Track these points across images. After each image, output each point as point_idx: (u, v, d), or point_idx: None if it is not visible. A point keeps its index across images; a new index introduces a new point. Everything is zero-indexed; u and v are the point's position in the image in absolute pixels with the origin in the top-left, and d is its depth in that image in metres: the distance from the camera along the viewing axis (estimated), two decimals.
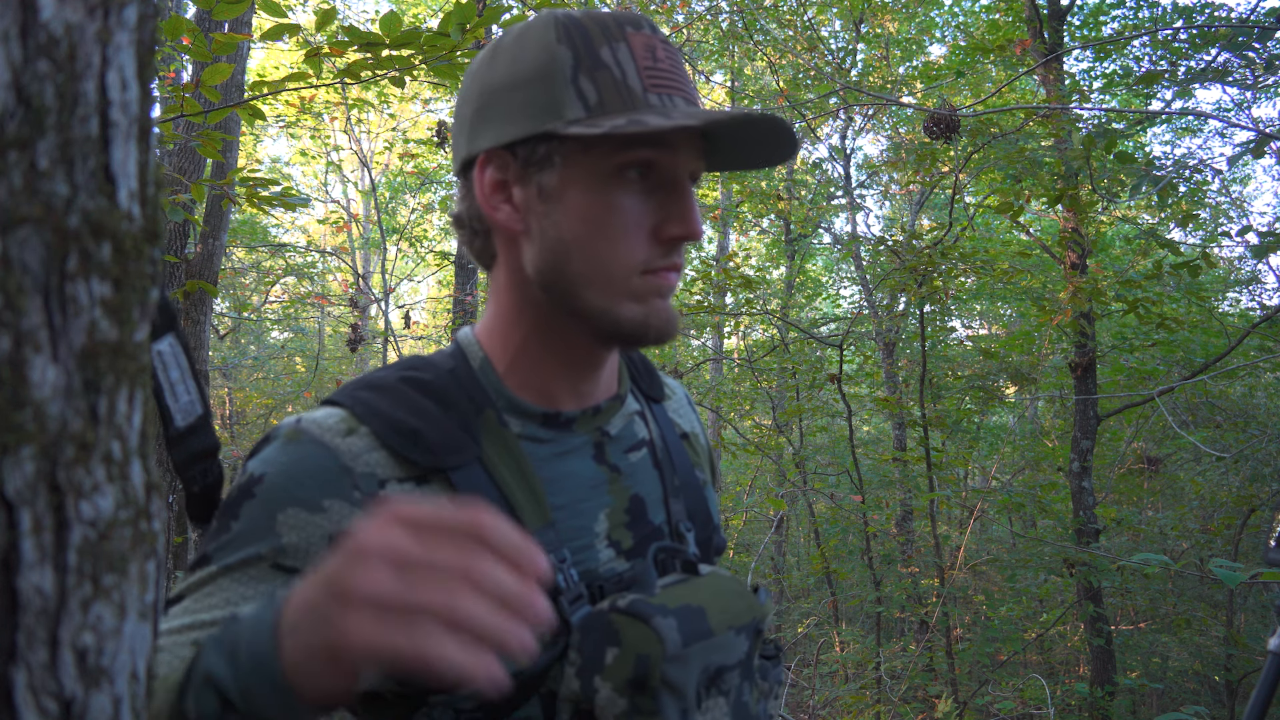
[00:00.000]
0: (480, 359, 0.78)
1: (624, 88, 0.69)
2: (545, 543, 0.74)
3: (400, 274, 14.05)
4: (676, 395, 0.96)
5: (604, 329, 0.73)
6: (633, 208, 0.71)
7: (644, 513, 0.82)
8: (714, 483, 0.96)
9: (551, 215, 0.71)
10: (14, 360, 0.31)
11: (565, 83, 0.69)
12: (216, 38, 1.89)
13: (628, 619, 0.69)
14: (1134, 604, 5.99)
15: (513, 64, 0.72)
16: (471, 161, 0.75)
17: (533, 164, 0.71)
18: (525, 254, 0.74)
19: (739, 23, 6.91)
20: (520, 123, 0.71)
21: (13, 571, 0.31)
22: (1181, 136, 10.25)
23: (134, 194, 0.36)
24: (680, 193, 0.73)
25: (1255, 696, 1.29)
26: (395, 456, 0.72)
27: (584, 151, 0.70)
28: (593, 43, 0.70)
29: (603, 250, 0.71)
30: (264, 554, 0.68)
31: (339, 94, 7.73)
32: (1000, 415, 9.31)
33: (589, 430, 0.80)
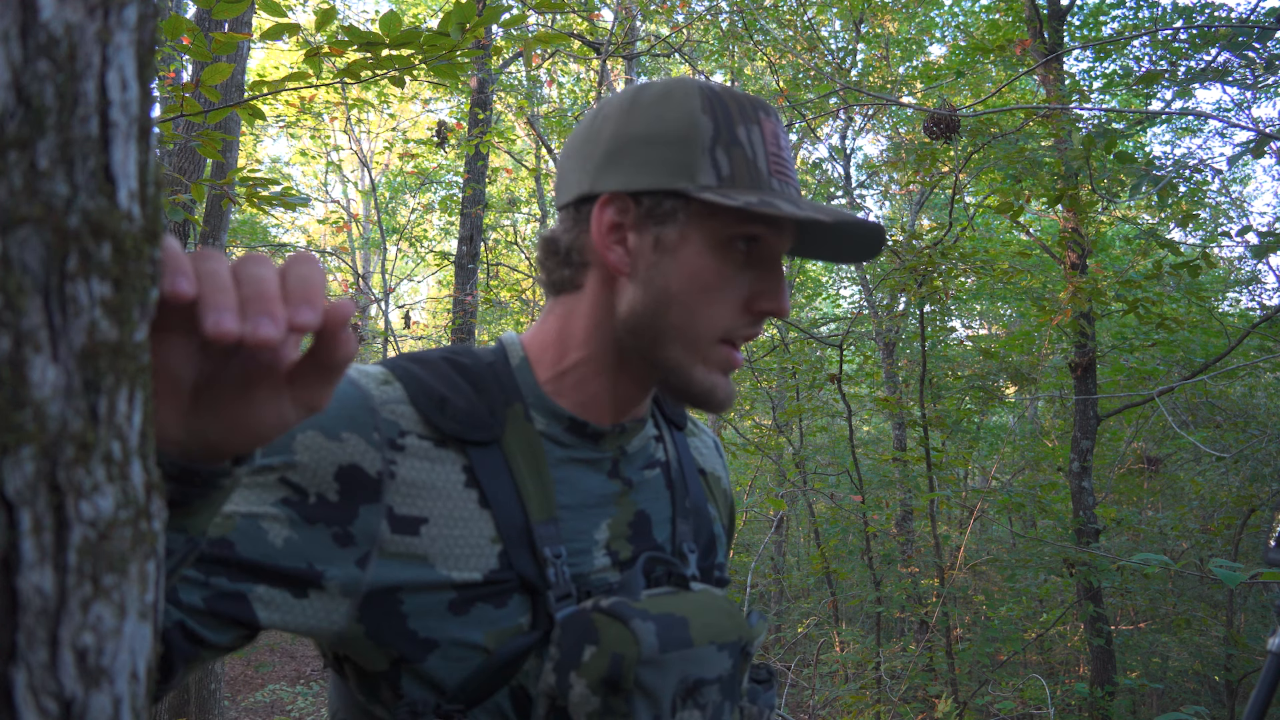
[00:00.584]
0: (520, 358, 0.82)
1: (753, 167, 0.75)
2: (545, 536, 0.75)
3: (400, 274, 14.06)
4: (704, 436, 0.99)
5: (673, 383, 0.78)
6: (733, 277, 0.76)
7: (648, 529, 0.84)
8: (729, 533, 0.98)
9: (662, 266, 0.75)
10: (14, 360, 0.31)
11: (703, 150, 0.74)
12: (216, 37, 1.89)
13: (607, 618, 0.71)
14: (1134, 604, 6.00)
15: (654, 120, 0.76)
16: (589, 198, 0.78)
17: (655, 215, 0.75)
18: (623, 295, 0.77)
19: (739, 23, 6.91)
20: (652, 175, 0.75)
21: (13, 571, 0.31)
22: (1181, 136, 10.26)
23: (134, 194, 0.36)
24: (777, 271, 0.78)
25: (1255, 696, 1.29)
26: (421, 415, 0.75)
27: (707, 216, 0.75)
28: (732, 119, 0.75)
29: (700, 309, 0.75)
30: (275, 466, 0.70)
31: (339, 94, 7.73)
32: (1000, 415, 9.32)
33: (612, 448, 0.83)
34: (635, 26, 8.37)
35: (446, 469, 0.75)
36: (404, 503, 0.73)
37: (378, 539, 0.71)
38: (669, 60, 10.39)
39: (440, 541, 0.73)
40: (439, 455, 0.75)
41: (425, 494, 0.73)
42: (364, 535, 0.71)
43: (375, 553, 0.71)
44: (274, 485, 0.70)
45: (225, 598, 0.68)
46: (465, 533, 0.74)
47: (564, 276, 0.81)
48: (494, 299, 10.46)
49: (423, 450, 0.74)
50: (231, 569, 0.68)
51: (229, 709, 5.88)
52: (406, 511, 0.72)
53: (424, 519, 0.73)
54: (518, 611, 0.74)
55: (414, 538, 0.72)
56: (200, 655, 0.68)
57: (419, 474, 0.73)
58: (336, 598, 0.71)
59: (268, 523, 0.69)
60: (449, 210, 9.43)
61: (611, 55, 7.93)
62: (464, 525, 0.74)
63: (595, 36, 7.99)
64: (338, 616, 0.71)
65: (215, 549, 0.68)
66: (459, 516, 0.74)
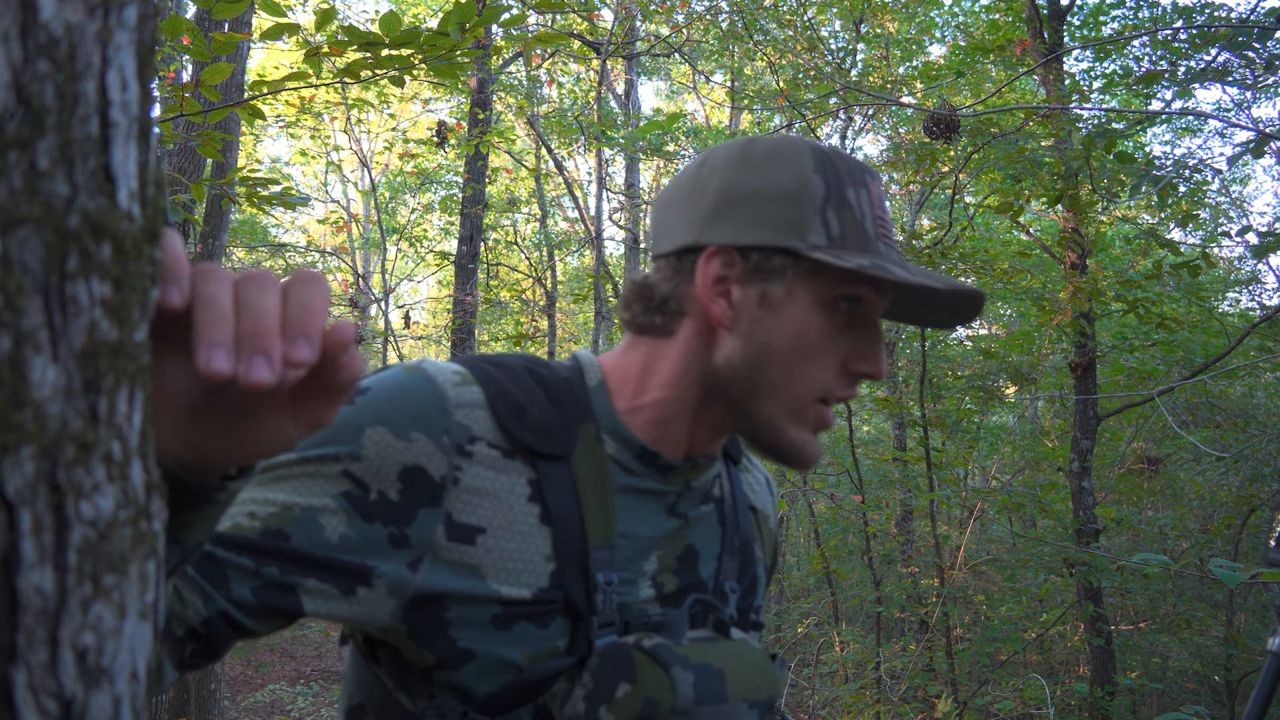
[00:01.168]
0: (598, 381, 0.81)
1: (861, 229, 0.75)
2: (600, 561, 0.75)
3: (400, 274, 14.06)
4: (757, 473, 0.98)
5: (762, 437, 0.77)
6: (835, 338, 0.76)
7: (695, 563, 0.83)
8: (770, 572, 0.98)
9: (766, 322, 0.75)
10: (14, 360, 0.31)
11: (815, 209, 0.74)
12: (216, 37, 1.89)
13: (648, 660, 0.71)
14: (1134, 604, 5.99)
15: (764, 175, 0.76)
16: (694, 249, 0.77)
17: (763, 271, 0.75)
18: (721, 347, 0.77)
19: (739, 23, 6.91)
20: (762, 231, 0.74)
21: (13, 571, 0.31)
22: (1181, 136, 10.26)
23: (134, 194, 0.36)
24: (876, 333, 0.78)
25: (1255, 696, 1.29)
26: (496, 423, 0.74)
27: (814, 275, 0.75)
28: (842, 181, 0.76)
29: (800, 367, 0.75)
30: (340, 456, 0.70)
31: (339, 94, 7.73)
32: (1000, 415, 9.32)
33: (679, 482, 0.82)
34: (635, 26, 8.37)
35: (512, 480, 0.74)
36: (464, 510, 0.72)
37: (433, 544, 0.71)
38: (669, 60, 10.39)
39: (495, 553, 0.73)
40: (506, 465, 0.74)
41: (486, 503, 0.73)
42: (419, 539, 0.71)
43: (428, 557, 0.71)
44: (337, 477, 0.70)
45: (275, 589, 0.68)
46: (521, 547, 0.73)
47: (654, 322, 0.80)
48: (494, 299, 10.46)
49: (490, 459, 0.73)
50: (285, 561, 0.68)
51: (229, 709, 5.89)
52: (465, 519, 0.72)
53: (482, 529, 0.72)
54: (558, 633, 0.74)
55: (469, 547, 0.72)
56: (241, 637, 0.69)
57: (483, 482, 0.73)
58: (384, 596, 0.71)
59: (326, 516, 0.69)
60: (449, 210, 9.43)
61: (611, 55, 7.93)
62: (521, 539, 0.73)
63: (595, 36, 7.99)
64: (383, 614, 0.72)
65: (270, 540, 0.68)
66: (517, 530, 0.73)
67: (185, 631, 0.66)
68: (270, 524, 0.68)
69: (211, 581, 0.66)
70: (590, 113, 7.97)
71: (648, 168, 12.00)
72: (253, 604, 0.68)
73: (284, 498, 0.69)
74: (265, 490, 0.70)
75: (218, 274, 0.44)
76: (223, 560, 0.67)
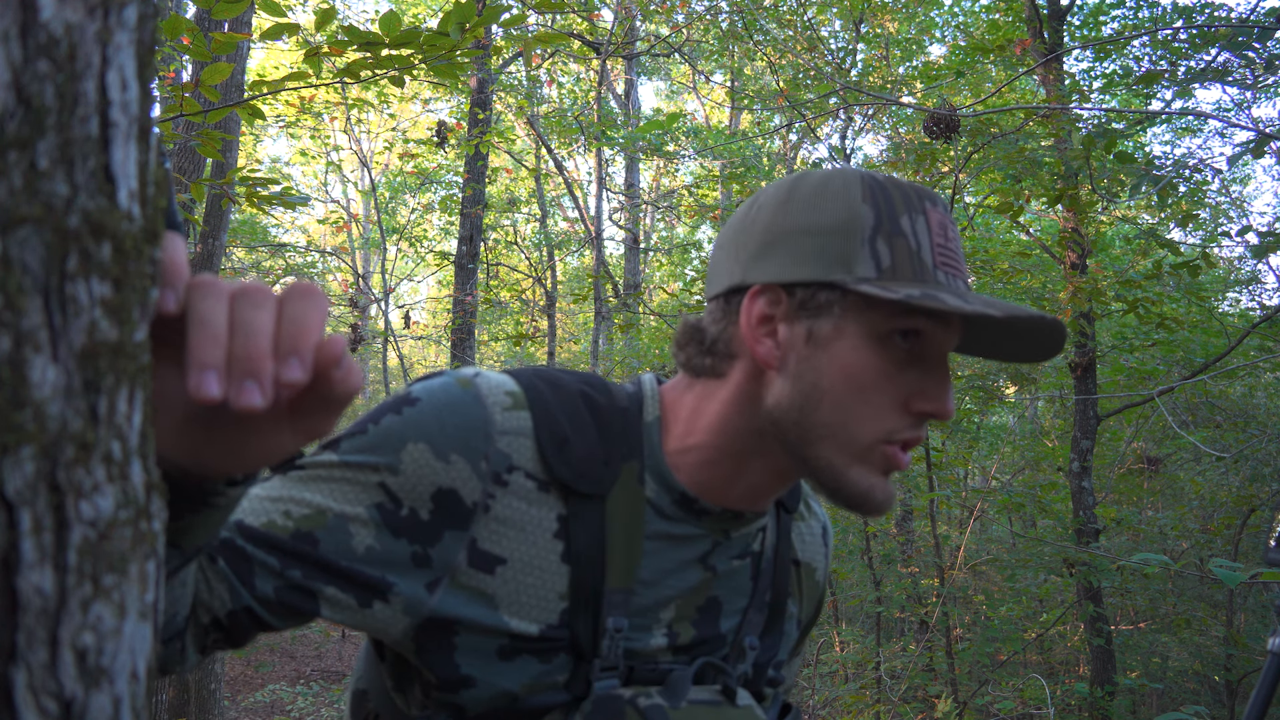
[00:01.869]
0: (655, 416, 0.78)
1: (917, 259, 0.70)
2: (614, 604, 0.74)
3: (400, 274, 14.06)
4: (813, 521, 0.92)
5: (825, 482, 0.72)
6: (894, 375, 0.71)
7: (716, 616, 0.80)
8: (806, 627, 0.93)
9: (814, 360, 0.71)
10: (14, 360, 0.31)
11: (863, 240, 0.70)
12: (216, 37, 1.89)
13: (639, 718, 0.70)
14: (1134, 604, 5.99)
15: (811, 210, 0.72)
16: (740, 289, 0.74)
17: (809, 308, 0.71)
18: (771, 389, 0.73)
19: (739, 23, 6.91)
20: (807, 267, 0.71)
21: (13, 571, 0.31)
22: (1181, 136, 10.26)
23: (134, 194, 0.36)
24: (941, 369, 0.72)
25: (1255, 696, 1.29)
26: (539, 453, 0.73)
27: (865, 309, 0.70)
28: (895, 209, 0.71)
29: (854, 407, 0.70)
30: (379, 467, 0.70)
31: (339, 94, 7.73)
32: (1000, 415, 9.32)
33: (714, 529, 0.78)
34: (635, 26, 8.37)
35: (541, 513, 0.73)
36: (489, 538, 0.72)
37: (453, 567, 0.71)
38: (669, 60, 10.39)
39: (511, 585, 0.72)
40: (539, 498, 0.73)
41: (512, 534, 0.72)
42: (441, 561, 0.71)
43: (447, 580, 0.71)
44: (373, 487, 0.70)
45: (296, 590, 0.69)
46: (537, 582, 0.73)
47: (705, 365, 0.77)
48: (494, 299, 10.46)
49: (525, 490, 0.72)
50: (309, 565, 0.69)
51: (229, 709, 5.89)
52: (489, 548, 0.72)
53: (503, 559, 0.72)
54: (560, 669, 0.74)
55: (488, 575, 0.72)
56: (262, 630, 0.71)
57: (513, 513, 0.72)
58: (398, 613, 0.71)
59: (356, 526, 0.70)
60: (449, 210, 9.43)
61: (611, 55, 7.93)
62: (538, 574, 0.73)
63: (595, 36, 7.98)
64: (395, 630, 0.72)
65: (299, 543, 0.69)
66: (537, 565, 0.73)
67: (210, 620, 0.68)
68: (302, 526, 0.69)
69: (239, 576, 0.68)
70: (590, 113, 7.97)
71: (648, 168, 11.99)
72: (274, 601, 0.69)
73: (319, 500, 0.70)
74: (304, 489, 0.70)
75: (214, 289, 0.43)
76: (251, 557, 0.68)
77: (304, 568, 0.69)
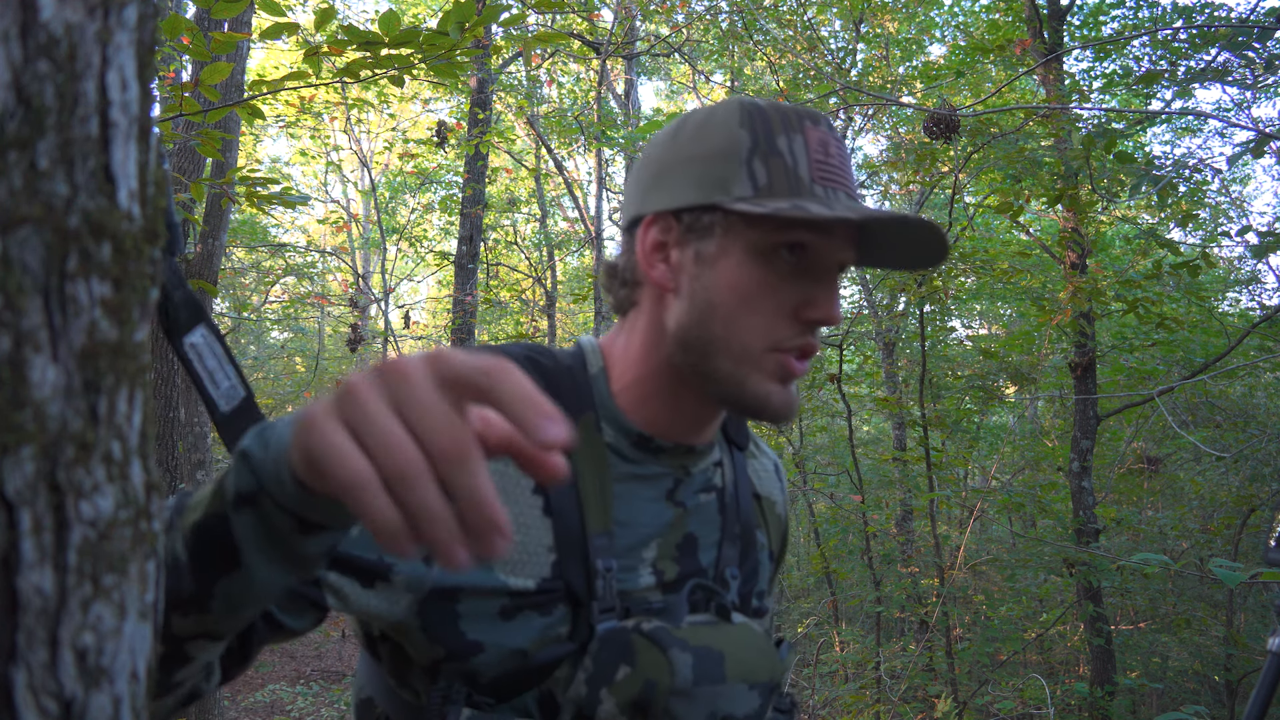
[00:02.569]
0: (599, 368, 0.83)
1: (793, 175, 0.74)
2: (599, 548, 0.76)
3: (400, 274, 14.06)
4: (764, 459, 0.98)
5: (727, 395, 0.77)
6: (779, 286, 0.75)
7: (694, 550, 0.84)
8: (778, 558, 0.98)
9: (703, 279, 0.76)
10: (14, 360, 0.31)
11: (740, 162, 0.74)
12: (215, 37, 1.89)
13: (646, 643, 0.72)
14: (1134, 604, 5.99)
15: (695, 141, 0.77)
16: (638, 220, 0.80)
17: (695, 230, 0.76)
18: (670, 311, 0.78)
19: (739, 23, 6.91)
20: (691, 192, 0.76)
21: (13, 571, 0.31)
22: (1181, 136, 10.25)
23: (134, 194, 0.36)
24: (827, 279, 0.76)
25: (1255, 696, 1.29)
26: None
27: (745, 227, 0.75)
28: (772, 130, 0.75)
29: (743, 320, 0.75)
30: None
31: (339, 94, 7.73)
32: (1000, 415, 9.32)
33: (674, 465, 0.83)
34: (635, 26, 8.37)
35: (516, 472, 0.75)
36: None
37: None
38: (669, 60, 10.39)
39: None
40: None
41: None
42: None
43: None
44: None
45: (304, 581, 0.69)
46: (526, 539, 0.75)
47: (623, 297, 0.83)
48: (494, 299, 10.46)
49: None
50: None
51: (229, 709, 5.88)
52: None
53: None
54: (560, 620, 0.75)
55: None
56: (276, 637, 0.70)
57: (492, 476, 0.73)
58: (401, 591, 0.72)
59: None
60: (449, 210, 9.43)
61: (611, 55, 7.93)
62: (525, 531, 0.75)
63: (595, 36, 7.98)
64: (399, 609, 0.73)
65: None
66: (522, 522, 0.75)
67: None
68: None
69: None
70: (590, 113, 7.97)
71: None
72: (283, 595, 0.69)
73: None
74: None
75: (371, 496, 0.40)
76: None
77: None
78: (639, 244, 0.79)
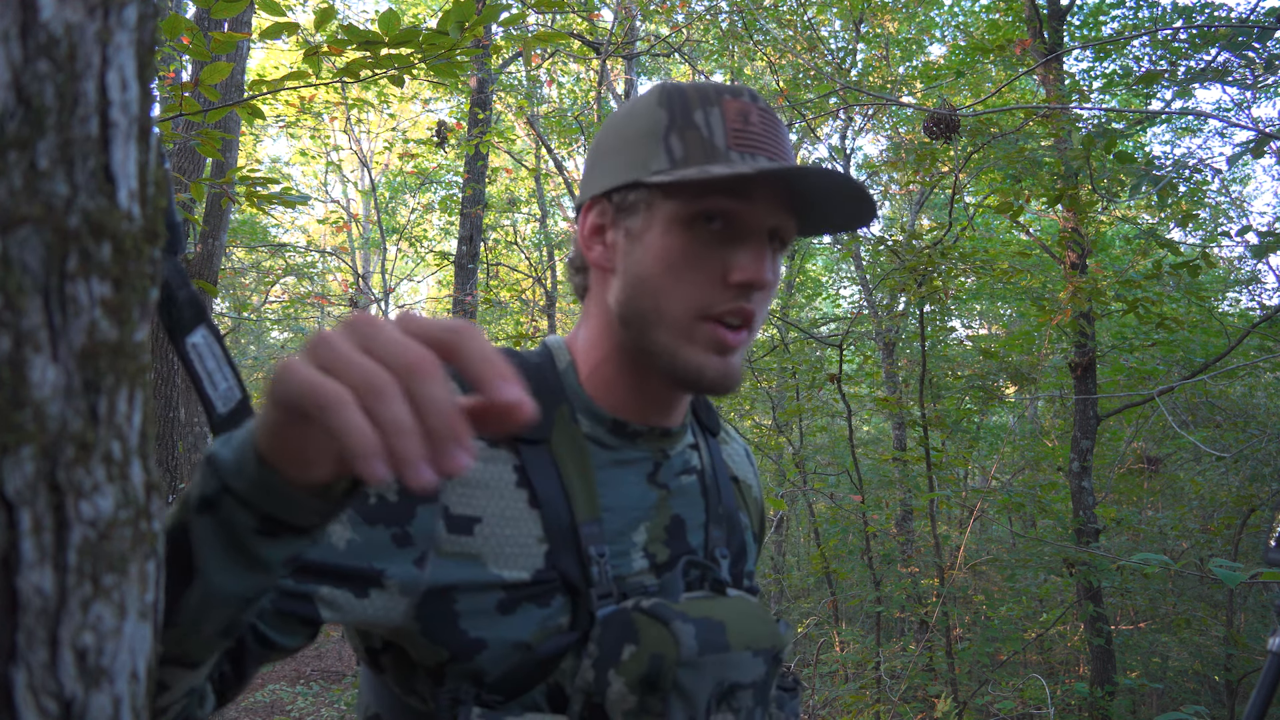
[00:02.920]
0: (566, 362, 0.85)
1: (709, 145, 0.76)
2: (590, 535, 0.77)
3: (400, 274, 14.05)
4: (735, 443, 1.00)
5: (664, 368, 0.78)
6: (705, 254, 0.76)
7: (683, 533, 0.85)
8: (758, 540, 1.00)
9: (633, 254, 0.79)
10: (14, 360, 0.31)
11: (658, 140, 0.78)
12: (215, 36, 1.89)
13: (648, 619, 0.73)
14: (1134, 604, 5.99)
15: (621, 127, 0.81)
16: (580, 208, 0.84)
17: (623, 210, 0.80)
18: (611, 290, 0.81)
19: (739, 23, 6.91)
20: (618, 174, 0.80)
21: (13, 571, 0.31)
22: (1181, 136, 10.25)
23: (134, 194, 0.36)
24: (753, 242, 0.77)
25: (1255, 696, 1.29)
26: None
27: (665, 199, 0.77)
28: (689, 106, 0.78)
29: (671, 289, 0.76)
30: None
31: (339, 93, 7.73)
32: (1000, 415, 9.32)
33: (651, 448, 0.85)
34: (635, 26, 8.37)
35: (499, 468, 0.76)
36: (459, 502, 0.74)
37: (434, 539, 0.73)
38: (669, 60, 10.39)
39: (493, 540, 0.75)
40: (492, 454, 0.76)
41: (479, 493, 0.75)
42: (421, 535, 0.72)
43: (432, 552, 0.73)
44: None
45: (292, 598, 0.69)
46: (515, 532, 0.76)
47: (579, 282, 0.87)
48: (494, 299, 10.46)
49: (478, 449, 0.75)
50: (297, 571, 0.69)
51: (229, 709, 5.88)
52: (462, 511, 0.74)
53: (478, 518, 0.74)
54: (560, 611, 0.76)
55: (468, 537, 0.74)
56: (269, 656, 0.70)
57: (474, 473, 0.75)
58: (396, 596, 0.72)
59: (332, 525, 0.69)
60: (449, 210, 9.43)
61: (611, 55, 7.93)
62: (514, 525, 0.76)
63: (595, 36, 7.98)
64: (396, 614, 0.73)
65: None
66: (509, 516, 0.76)
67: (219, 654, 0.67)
68: None
69: None
70: (590, 113, 7.97)
71: None
72: (272, 612, 0.69)
73: None
74: None
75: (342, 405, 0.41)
76: None
77: (294, 574, 0.69)
78: (580, 229, 0.83)
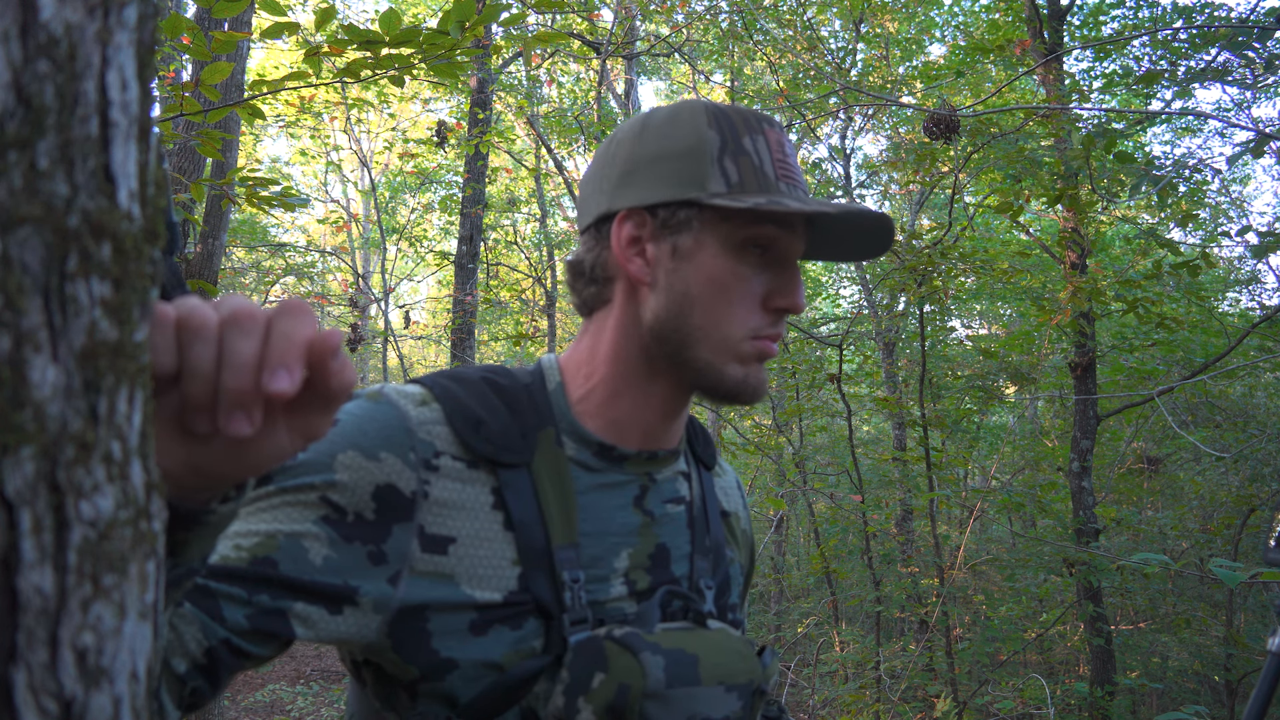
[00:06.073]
0: (556, 383, 0.85)
1: (760, 173, 0.79)
2: (565, 560, 0.77)
3: (400, 274, 14.06)
4: (727, 477, 1.01)
5: (706, 382, 0.80)
6: (750, 278, 0.79)
7: (666, 562, 0.85)
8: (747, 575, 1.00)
9: (680, 271, 0.79)
10: (14, 360, 0.31)
11: (711, 161, 0.79)
12: (216, 36, 1.89)
13: (618, 648, 0.73)
14: (1134, 604, 5.99)
15: (663, 139, 0.81)
16: (608, 217, 0.82)
17: (670, 225, 0.79)
18: (647, 304, 0.81)
19: (739, 23, 6.91)
20: (665, 189, 0.79)
21: (13, 571, 0.31)
22: (1181, 136, 10.25)
23: (134, 194, 0.36)
24: (791, 270, 0.82)
25: (1255, 696, 1.29)
26: (456, 436, 0.77)
27: (720, 221, 0.79)
28: (737, 131, 0.80)
29: (722, 311, 0.79)
30: (317, 484, 0.73)
31: (339, 93, 7.73)
32: (1000, 415, 9.32)
33: (639, 472, 0.85)
34: (635, 26, 8.36)
35: (476, 490, 0.77)
36: (435, 522, 0.75)
37: (409, 558, 0.73)
38: (669, 60, 10.39)
39: (466, 561, 0.75)
40: (471, 476, 0.77)
41: (455, 514, 0.76)
42: (396, 554, 0.73)
43: (406, 571, 0.73)
44: (315, 504, 0.72)
45: (267, 614, 0.70)
46: (489, 553, 0.76)
47: (592, 294, 0.85)
48: (494, 299, 10.45)
49: (456, 471, 0.76)
50: (274, 587, 0.70)
51: (229, 709, 5.88)
52: (437, 531, 0.75)
53: (452, 538, 0.75)
54: (533, 634, 0.76)
55: (442, 557, 0.75)
56: (243, 666, 0.71)
57: (451, 494, 0.76)
58: (369, 613, 0.73)
59: (309, 541, 0.71)
60: (449, 210, 9.43)
61: (611, 55, 7.93)
62: (488, 546, 0.76)
63: (595, 36, 7.98)
64: (369, 631, 0.74)
65: (259, 567, 0.70)
66: (484, 537, 0.76)
67: (188, 666, 0.67)
68: (257, 553, 0.70)
69: (207, 613, 0.68)
70: (590, 113, 7.97)
71: None
72: (248, 629, 0.69)
73: (267, 527, 0.71)
74: (248, 522, 0.72)
75: (202, 331, 0.44)
76: (215, 591, 0.69)
77: (270, 590, 0.70)
78: (614, 239, 0.81)
